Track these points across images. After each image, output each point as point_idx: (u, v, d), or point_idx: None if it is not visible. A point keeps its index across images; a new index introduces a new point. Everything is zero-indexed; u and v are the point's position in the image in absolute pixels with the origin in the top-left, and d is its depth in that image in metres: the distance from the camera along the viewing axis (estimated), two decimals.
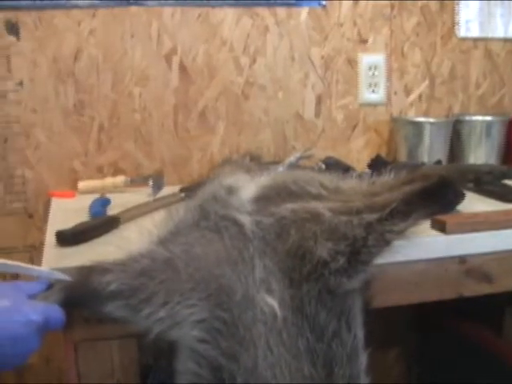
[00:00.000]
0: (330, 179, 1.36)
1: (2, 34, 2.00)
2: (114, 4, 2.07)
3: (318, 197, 1.28)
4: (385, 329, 2.21)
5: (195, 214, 1.28)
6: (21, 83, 2.04)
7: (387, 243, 1.15)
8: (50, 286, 1.20)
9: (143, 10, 2.10)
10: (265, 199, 1.28)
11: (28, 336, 1.06)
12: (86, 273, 1.17)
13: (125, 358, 1.29)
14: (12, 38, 2.01)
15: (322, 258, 1.13)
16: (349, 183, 1.35)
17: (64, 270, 1.22)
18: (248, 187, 1.33)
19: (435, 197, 1.23)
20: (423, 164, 2.10)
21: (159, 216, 1.33)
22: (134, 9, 2.09)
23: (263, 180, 1.37)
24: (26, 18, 2.01)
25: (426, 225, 1.44)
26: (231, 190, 1.31)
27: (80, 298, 1.17)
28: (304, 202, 1.25)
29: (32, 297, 1.14)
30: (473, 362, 2.05)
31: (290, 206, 1.23)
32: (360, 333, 1.18)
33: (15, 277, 1.81)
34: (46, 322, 1.10)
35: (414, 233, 1.19)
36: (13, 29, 2.01)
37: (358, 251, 1.13)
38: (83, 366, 1.28)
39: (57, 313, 1.13)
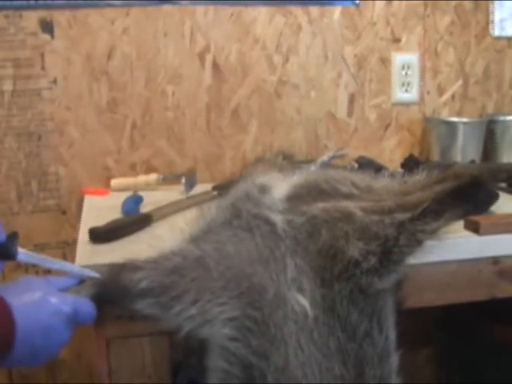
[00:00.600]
0: (362, 178, 1.35)
1: (36, 33, 2.02)
2: (147, 3, 2.08)
3: (349, 196, 1.27)
4: (415, 329, 2.20)
5: (227, 213, 1.28)
6: (55, 81, 2.05)
7: (419, 243, 1.14)
8: (80, 282, 1.21)
9: (176, 9, 2.11)
10: (297, 198, 1.28)
11: (58, 326, 1.07)
12: (118, 270, 1.18)
13: (156, 355, 1.30)
14: (46, 37, 2.03)
15: (353, 258, 1.12)
16: (380, 182, 1.34)
17: (96, 267, 1.23)
18: (280, 186, 1.33)
19: (467, 196, 1.22)
20: (456, 163, 2.09)
21: (191, 214, 1.34)
22: (167, 7, 2.10)
23: (295, 179, 1.37)
24: (60, 17, 2.03)
25: (459, 225, 1.43)
26: (263, 189, 1.31)
27: (111, 294, 1.17)
28: (335, 201, 1.25)
29: (63, 290, 1.15)
30: (504, 364, 2.04)
31: (321, 205, 1.23)
32: (392, 333, 1.17)
33: (47, 272, 1.83)
34: (76, 314, 1.11)
35: (447, 233, 1.18)
36: (47, 27, 2.03)
37: (389, 251, 1.12)
38: (115, 362, 1.29)
39: (87, 306, 1.14)
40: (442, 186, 1.19)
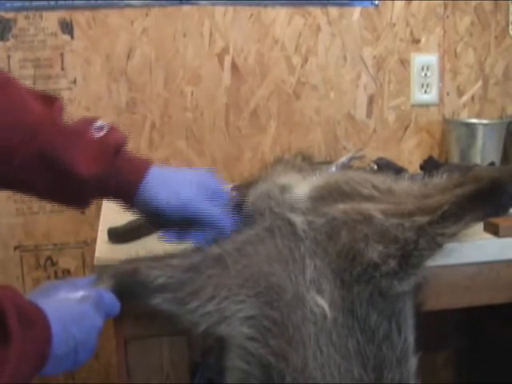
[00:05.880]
0: (383, 180, 1.34)
1: (56, 33, 2.03)
2: (167, 3, 2.09)
3: (369, 198, 1.27)
4: (435, 331, 2.19)
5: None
6: (74, 81, 2.06)
7: (439, 246, 1.14)
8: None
9: (195, 9, 2.11)
10: (318, 199, 1.27)
11: (89, 311, 1.07)
12: (136, 263, 1.20)
13: (174, 354, 1.30)
14: (66, 37, 2.04)
15: (372, 261, 1.12)
16: (401, 185, 1.33)
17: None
18: (301, 186, 1.32)
19: (488, 199, 1.22)
20: (476, 165, 2.08)
21: None
22: (186, 8, 2.11)
23: (316, 180, 1.36)
24: (80, 18, 2.04)
25: (478, 227, 1.42)
26: (285, 189, 1.30)
27: (128, 287, 1.18)
28: (355, 202, 1.24)
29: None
30: None
31: (341, 206, 1.22)
32: (411, 336, 1.17)
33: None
34: (102, 301, 1.11)
35: (467, 235, 1.17)
36: (67, 28, 2.04)
37: (408, 254, 1.12)
38: (133, 361, 1.30)
39: (110, 296, 1.14)
40: (462, 189, 1.19)
